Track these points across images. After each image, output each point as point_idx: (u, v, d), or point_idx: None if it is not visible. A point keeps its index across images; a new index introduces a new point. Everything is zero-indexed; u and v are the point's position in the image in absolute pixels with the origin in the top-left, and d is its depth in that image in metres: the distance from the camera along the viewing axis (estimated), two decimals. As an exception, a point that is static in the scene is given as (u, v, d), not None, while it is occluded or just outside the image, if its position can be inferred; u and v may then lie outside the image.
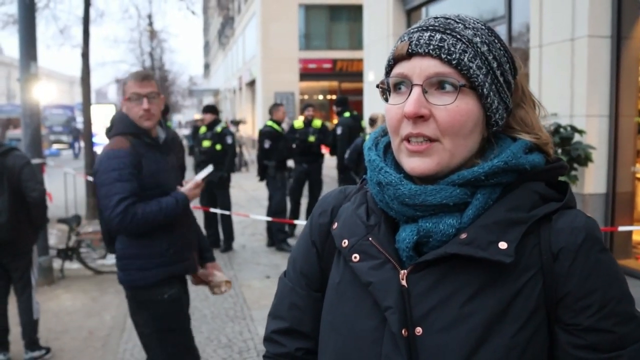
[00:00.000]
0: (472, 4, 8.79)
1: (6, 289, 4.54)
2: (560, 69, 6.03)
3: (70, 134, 31.31)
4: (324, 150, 8.98)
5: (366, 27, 11.90)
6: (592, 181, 5.82)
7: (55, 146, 28.97)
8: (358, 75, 16.97)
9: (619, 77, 5.72)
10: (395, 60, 1.02)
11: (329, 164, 10.31)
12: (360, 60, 17.51)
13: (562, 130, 5.58)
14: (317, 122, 8.80)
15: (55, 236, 8.79)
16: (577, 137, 5.59)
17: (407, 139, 0.99)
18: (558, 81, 6.07)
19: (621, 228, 4.83)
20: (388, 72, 1.05)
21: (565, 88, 5.94)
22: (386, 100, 1.05)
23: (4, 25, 12.44)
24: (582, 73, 5.76)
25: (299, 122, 8.79)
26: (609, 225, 5.81)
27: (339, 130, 8.53)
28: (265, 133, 8.29)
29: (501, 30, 7.50)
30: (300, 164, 8.69)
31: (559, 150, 5.55)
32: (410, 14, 10.27)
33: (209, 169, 3.44)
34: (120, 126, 3.01)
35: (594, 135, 5.75)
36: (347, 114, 8.74)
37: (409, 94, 0.98)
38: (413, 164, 0.99)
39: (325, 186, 9.12)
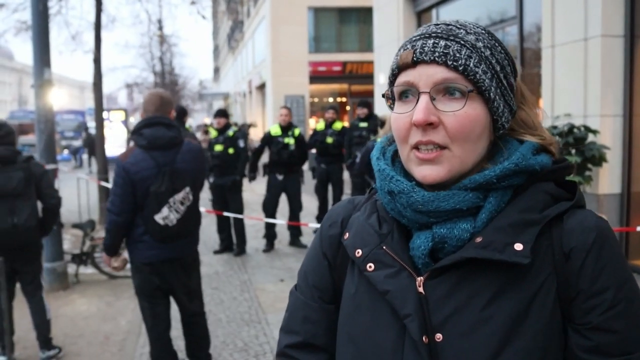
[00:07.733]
0: (482, 4, 8.75)
1: (13, 293, 4.62)
2: (573, 69, 5.99)
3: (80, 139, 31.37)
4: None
5: (376, 29, 11.89)
6: (606, 181, 5.79)
7: (67, 151, 29.17)
8: (368, 78, 16.95)
9: (632, 76, 5.67)
10: (399, 68, 1.02)
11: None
12: (370, 63, 17.50)
13: (575, 130, 5.54)
14: (338, 125, 9.17)
15: (69, 241, 8.86)
16: (591, 137, 5.54)
17: (417, 146, 0.99)
18: (571, 81, 6.04)
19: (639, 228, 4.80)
20: (392, 81, 1.05)
21: (579, 88, 5.91)
22: (391, 109, 1.05)
23: (17, 32, 12.52)
24: (596, 73, 5.73)
25: (320, 124, 9.28)
26: (624, 225, 5.77)
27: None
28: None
29: (512, 31, 7.48)
30: (319, 165, 9.17)
31: (573, 151, 5.51)
32: (421, 15, 10.25)
33: None
34: None
35: (608, 135, 5.71)
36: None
37: (417, 102, 0.98)
38: (424, 172, 0.99)
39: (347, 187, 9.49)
